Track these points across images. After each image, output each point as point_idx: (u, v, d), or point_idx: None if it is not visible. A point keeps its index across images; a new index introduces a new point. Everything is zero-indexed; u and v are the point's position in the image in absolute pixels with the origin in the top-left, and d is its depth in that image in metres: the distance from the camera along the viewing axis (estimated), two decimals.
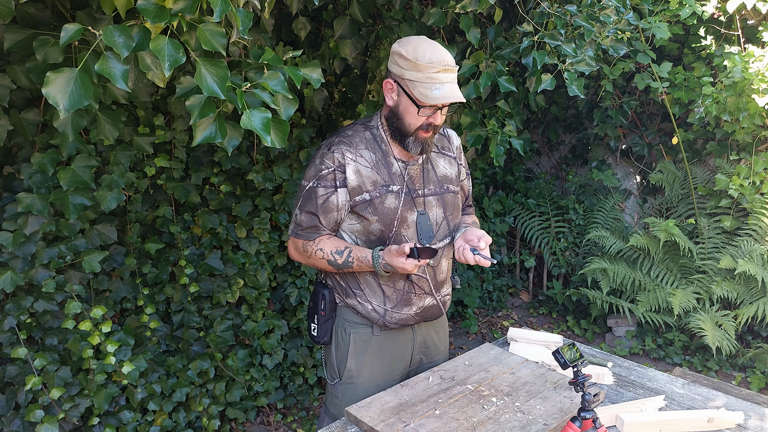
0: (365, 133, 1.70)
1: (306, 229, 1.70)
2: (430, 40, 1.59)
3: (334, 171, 1.64)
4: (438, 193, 1.75)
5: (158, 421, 2.59)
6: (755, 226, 3.72)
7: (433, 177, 1.75)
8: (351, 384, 1.77)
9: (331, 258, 1.68)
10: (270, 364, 2.96)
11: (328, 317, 1.79)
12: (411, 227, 1.69)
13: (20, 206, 2.04)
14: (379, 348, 1.77)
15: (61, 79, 1.28)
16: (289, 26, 2.63)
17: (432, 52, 1.54)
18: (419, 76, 1.54)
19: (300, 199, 1.71)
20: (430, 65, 1.52)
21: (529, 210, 4.75)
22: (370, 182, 1.65)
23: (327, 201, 1.65)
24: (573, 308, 4.52)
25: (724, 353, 3.52)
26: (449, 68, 1.55)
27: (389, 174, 1.68)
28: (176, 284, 2.68)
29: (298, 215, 1.71)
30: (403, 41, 1.60)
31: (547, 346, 2.00)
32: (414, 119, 1.61)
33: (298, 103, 1.63)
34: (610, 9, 2.54)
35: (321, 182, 1.65)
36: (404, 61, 1.55)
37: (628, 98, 4.20)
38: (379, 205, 1.65)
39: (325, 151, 1.66)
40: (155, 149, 2.57)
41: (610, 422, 1.59)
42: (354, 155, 1.65)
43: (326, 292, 1.78)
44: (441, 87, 1.54)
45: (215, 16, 1.28)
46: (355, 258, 1.66)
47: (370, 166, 1.66)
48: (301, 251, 1.74)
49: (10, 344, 2.20)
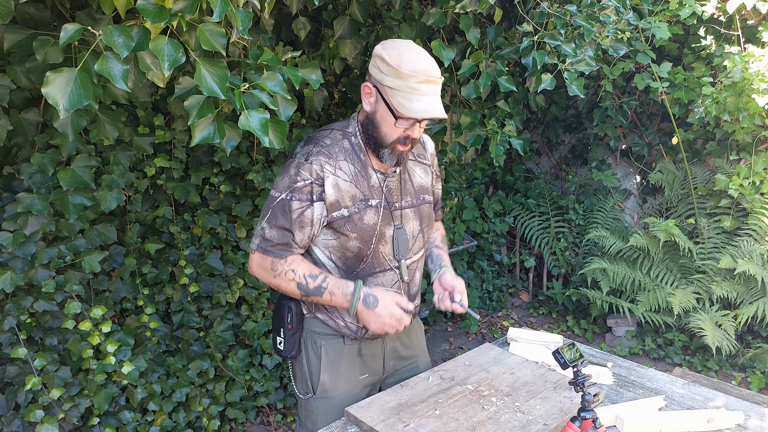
0: (343, 142, 1.58)
1: (276, 245, 1.55)
2: (416, 46, 1.48)
3: (311, 184, 1.51)
4: (415, 204, 1.68)
5: (158, 421, 2.59)
6: (755, 226, 3.72)
7: (410, 188, 1.67)
8: (326, 398, 1.70)
9: (303, 281, 1.56)
10: (270, 364, 2.96)
11: (296, 330, 1.71)
12: (388, 243, 1.62)
13: (20, 206, 2.05)
14: (352, 358, 1.71)
15: (61, 79, 1.28)
16: (289, 26, 2.63)
17: (416, 61, 1.43)
18: (400, 84, 1.43)
19: (269, 211, 1.56)
20: (413, 74, 1.41)
21: (529, 210, 4.75)
22: (349, 197, 1.55)
23: (302, 215, 1.53)
24: (573, 308, 4.52)
25: (724, 353, 3.52)
26: (433, 80, 1.44)
27: (368, 187, 1.58)
28: (176, 284, 2.68)
29: (266, 229, 1.56)
30: (387, 44, 1.49)
31: (547, 346, 2.00)
32: (391, 130, 1.51)
33: (296, 103, 1.63)
34: (610, 9, 2.54)
35: (296, 195, 1.52)
36: (386, 66, 1.44)
37: (628, 98, 4.20)
38: (357, 222, 1.56)
39: (301, 161, 1.53)
40: (155, 149, 2.57)
41: (610, 422, 1.59)
42: (333, 168, 1.53)
43: (292, 304, 1.69)
44: (422, 99, 1.43)
45: (215, 16, 1.28)
46: (330, 285, 1.56)
47: (349, 179, 1.55)
48: (267, 269, 1.58)
49: (10, 344, 2.20)
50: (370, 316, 1.58)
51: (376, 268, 1.63)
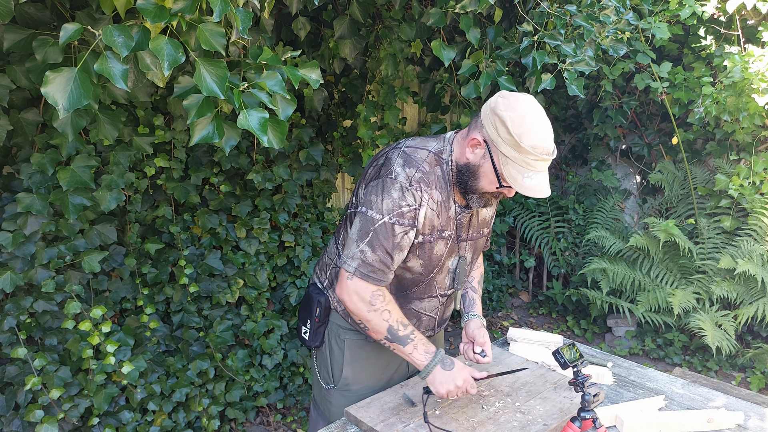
0: (437, 169, 1.53)
1: (377, 270, 1.50)
2: (538, 111, 1.40)
3: (414, 210, 1.48)
4: (474, 238, 1.68)
5: (158, 421, 2.59)
6: (755, 226, 3.72)
7: (474, 222, 1.66)
8: (347, 391, 1.73)
9: (395, 326, 1.52)
10: (270, 365, 2.96)
11: (322, 323, 1.73)
12: (444, 272, 1.64)
13: (20, 206, 2.04)
14: (375, 353, 1.73)
15: (61, 79, 1.28)
16: (289, 26, 2.63)
17: (537, 135, 1.36)
18: (516, 156, 1.37)
19: (370, 234, 1.48)
20: (532, 150, 1.35)
21: (529, 210, 4.75)
22: (429, 226, 1.53)
23: (402, 240, 1.49)
24: (573, 308, 4.52)
25: (724, 353, 3.52)
26: (548, 158, 1.38)
27: (446, 218, 1.56)
28: (176, 284, 2.68)
29: (367, 253, 1.48)
30: (512, 102, 1.39)
31: (547, 346, 2.00)
32: (489, 186, 1.48)
33: (296, 103, 1.62)
34: (610, 9, 2.54)
35: (399, 219, 1.47)
36: (505, 133, 1.37)
37: (628, 98, 4.20)
38: (428, 250, 1.56)
39: (405, 185, 1.47)
40: (155, 149, 2.57)
41: (610, 422, 1.59)
42: (429, 196, 1.51)
43: (322, 298, 1.71)
44: (534, 177, 1.39)
45: (215, 15, 1.28)
46: (416, 338, 1.53)
47: (435, 208, 1.53)
48: (366, 300, 1.50)
49: (10, 344, 2.20)
50: (444, 377, 1.52)
51: (425, 294, 1.66)
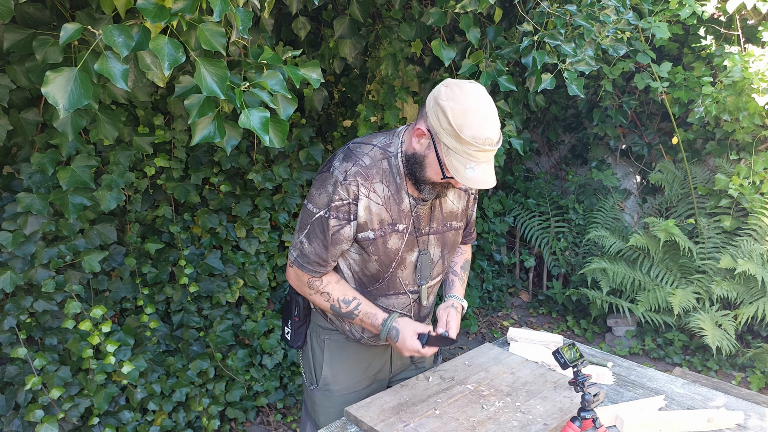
0: (382, 162, 1.54)
1: (313, 262, 1.57)
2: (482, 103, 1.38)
3: (348, 204, 1.50)
4: (440, 231, 1.66)
5: (158, 421, 2.59)
6: (755, 226, 3.72)
7: (438, 214, 1.64)
8: (327, 391, 1.73)
9: (336, 304, 1.60)
10: (270, 364, 2.96)
11: (302, 322, 1.74)
12: (408, 268, 1.62)
13: (20, 206, 2.04)
14: (356, 354, 1.73)
15: (61, 79, 1.28)
16: (289, 26, 2.63)
17: (479, 126, 1.35)
18: (457, 147, 1.37)
19: (307, 227, 1.55)
20: (473, 141, 1.34)
21: (529, 210, 4.75)
22: (378, 220, 1.53)
23: (338, 233, 1.53)
24: (573, 308, 4.52)
25: (724, 353, 3.52)
26: (491, 148, 1.37)
27: (398, 211, 1.56)
28: (176, 284, 2.68)
29: (305, 244, 1.56)
30: (454, 92, 1.38)
31: (547, 346, 2.00)
32: (435, 176, 1.47)
33: (297, 102, 1.62)
34: (610, 9, 2.54)
35: (333, 213, 1.51)
36: (446, 123, 1.36)
37: (628, 98, 4.20)
38: (381, 245, 1.55)
39: (339, 179, 1.50)
40: (155, 149, 2.57)
41: (610, 422, 1.59)
42: (368, 190, 1.51)
43: (300, 299, 1.73)
44: (476, 168, 1.38)
45: (215, 15, 1.28)
46: (362, 312, 1.59)
47: (381, 202, 1.53)
48: (304, 283, 1.62)
49: (10, 344, 2.20)
50: (393, 347, 1.63)
51: (389, 291, 1.64)
